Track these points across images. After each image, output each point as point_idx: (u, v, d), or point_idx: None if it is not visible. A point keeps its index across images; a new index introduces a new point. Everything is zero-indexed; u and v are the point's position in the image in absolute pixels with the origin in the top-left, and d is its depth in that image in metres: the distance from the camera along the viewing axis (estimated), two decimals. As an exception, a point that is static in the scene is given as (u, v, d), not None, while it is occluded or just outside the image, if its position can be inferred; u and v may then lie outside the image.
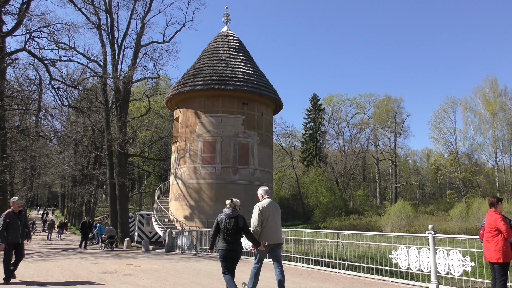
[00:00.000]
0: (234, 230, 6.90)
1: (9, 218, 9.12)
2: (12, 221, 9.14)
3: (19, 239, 9.21)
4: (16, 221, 9.19)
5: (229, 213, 7.02)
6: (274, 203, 7.57)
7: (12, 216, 9.19)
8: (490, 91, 61.04)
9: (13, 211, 9.26)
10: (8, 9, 24.73)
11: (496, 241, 6.49)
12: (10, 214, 9.18)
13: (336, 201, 58.33)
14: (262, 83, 26.22)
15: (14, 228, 9.12)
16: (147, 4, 30.35)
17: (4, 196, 25.19)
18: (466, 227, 44.84)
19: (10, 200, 9.39)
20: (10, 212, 9.20)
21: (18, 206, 9.37)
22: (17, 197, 9.78)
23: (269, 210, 7.30)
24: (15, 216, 9.24)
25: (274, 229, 7.24)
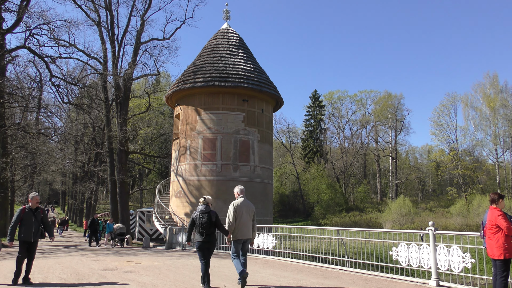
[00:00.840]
0: (208, 224, 7.82)
1: (24, 214, 8.53)
2: (26, 218, 8.54)
3: (31, 237, 8.53)
4: (31, 218, 8.57)
5: (202, 210, 7.98)
6: (247, 202, 8.45)
7: (27, 212, 8.58)
8: (491, 87, 60.95)
9: (29, 207, 8.65)
10: (8, 6, 24.72)
11: (497, 237, 6.50)
12: (26, 210, 8.59)
13: (336, 198, 58.40)
14: (262, 80, 26.19)
15: (27, 226, 8.53)
16: (147, 1, 30.30)
17: (5, 193, 25.23)
18: (467, 224, 44.91)
19: (29, 195, 8.79)
20: (26, 208, 8.62)
21: (36, 202, 8.74)
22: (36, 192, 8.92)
23: (242, 208, 8.22)
24: (31, 212, 8.62)
25: (246, 225, 8.16)
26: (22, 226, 8.46)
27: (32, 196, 8.71)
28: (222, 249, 16.90)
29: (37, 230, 8.64)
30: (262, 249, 14.27)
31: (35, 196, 8.75)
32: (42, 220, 8.77)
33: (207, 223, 7.83)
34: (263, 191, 25.64)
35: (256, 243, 14.50)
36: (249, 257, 14.17)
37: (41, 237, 8.85)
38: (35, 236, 8.61)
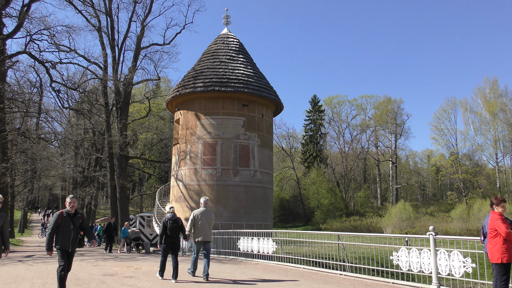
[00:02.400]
0: (176, 229, 9.84)
1: (61, 220, 7.59)
2: (63, 224, 7.59)
3: (69, 246, 7.55)
4: (69, 224, 7.62)
5: (171, 217, 9.96)
6: (207, 211, 10.41)
7: (64, 218, 7.64)
8: (491, 92, 61.02)
9: (67, 212, 7.71)
10: (8, 12, 24.80)
11: (495, 242, 6.49)
12: (63, 215, 7.66)
13: (336, 202, 58.31)
14: (262, 85, 26.22)
15: (65, 233, 7.54)
16: (147, 6, 30.44)
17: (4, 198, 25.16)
18: (467, 228, 44.81)
19: (66, 199, 7.87)
20: (63, 213, 7.70)
21: (73, 205, 7.77)
22: (72, 195, 8.01)
23: (200, 216, 10.16)
24: (69, 218, 7.67)
25: (204, 230, 10.12)
26: (59, 234, 7.51)
27: (69, 200, 7.80)
28: (222, 254, 16.86)
29: (76, 238, 7.69)
30: (262, 254, 14.24)
31: (72, 199, 7.82)
32: (81, 226, 7.89)
33: (176, 228, 9.84)
34: (263, 195, 25.61)
35: (256, 248, 14.50)
36: (249, 262, 14.16)
37: (80, 245, 7.90)
38: (73, 245, 7.66)
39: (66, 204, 7.77)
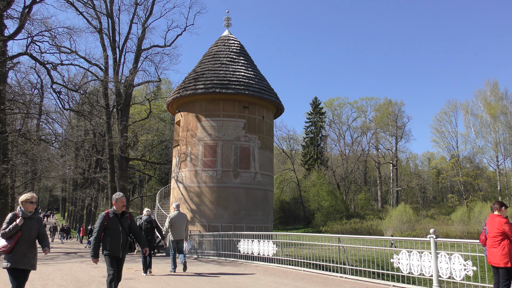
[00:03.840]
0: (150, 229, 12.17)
1: (108, 221, 6.68)
2: (111, 226, 6.66)
3: (119, 251, 6.63)
4: (117, 226, 6.68)
5: (146, 219, 12.35)
6: (180, 213, 12.13)
7: (112, 219, 6.71)
8: (491, 94, 61.03)
9: (114, 212, 6.76)
10: (10, 13, 24.82)
11: (502, 245, 6.44)
12: (109, 215, 6.72)
13: (337, 205, 58.27)
14: (263, 87, 26.23)
15: (114, 236, 6.61)
16: (148, 8, 30.49)
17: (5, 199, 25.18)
18: (468, 231, 44.74)
19: (113, 197, 6.83)
20: (110, 213, 6.74)
21: (122, 205, 6.80)
22: (121, 193, 6.95)
23: (175, 219, 11.88)
24: (116, 219, 6.74)
25: (179, 230, 11.83)
26: (107, 237, 6.58)
27: (116, 198, 6.81)
28: (223, 257, 16.83)
29: (125, 241, 6.77)
30: (262, 257, 14.21)
31: (121, 197, 6.83)
32: (130, 228, 6.93)
33: (150, 228, 12.18)
34: (263, 198, 25.59)
35: (256, 250, 14.50)
36: (250, 264, 14.14)
37: (130, 250, 6.98)
38: (123, 250, 6.72)
39: (114, 203, 6.87)
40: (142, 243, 7.19)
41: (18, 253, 5.90)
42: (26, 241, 5.99)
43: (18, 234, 5.92)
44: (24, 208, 6.13)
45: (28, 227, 6.04)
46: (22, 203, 6.15)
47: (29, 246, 6.03)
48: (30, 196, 6.19)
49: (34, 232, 6.12)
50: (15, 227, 5.89)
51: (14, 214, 6.07)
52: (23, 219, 5.97)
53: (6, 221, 5.99)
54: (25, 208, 6.13)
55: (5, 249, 5.85)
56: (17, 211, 6.09)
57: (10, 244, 5.85)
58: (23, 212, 6.08)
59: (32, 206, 6.16)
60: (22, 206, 6.14)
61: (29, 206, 6.15)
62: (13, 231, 5.88)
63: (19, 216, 6.02)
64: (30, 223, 6.08)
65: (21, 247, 5.93)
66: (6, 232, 5.87)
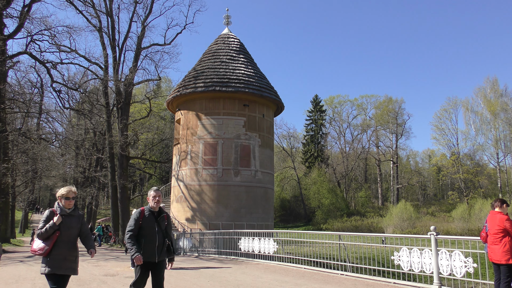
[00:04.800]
0: None
1: (143, 220, 5.67)
2: (146, 226, 5.65)
3: (155, 255, 5.57)
4: (153, 226, 5.67)
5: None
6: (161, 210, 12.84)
7: (147, 218, 5.69)
8: (491, 91, 60.95)
9: (150, 210, 5.77)
10: (9, 12, 24.84)
11: (504, 242, 6.44)
12: (145, 213, 5.72)
13: (337, 202, 58.27)
14: (263, 85, 26.23)
15: (149, 237, 5.61)
16: (148, 7, 30.44)
17: (5, 198, 25.22)
18: (468, 228, 44.75)
19: (149, 192, 5.83)
20: (145, 210, 5.76)
21: (157, 201, 5.75)
22: (156, 187, 6.08)
23: None
24: (152, 218, 5.72)
25: None
26: (140, 238, 5.61)
27: (151, 195, 5.77)
28: (223, 255, 16.85)
29: (162, 244, 5.71)
30: (263, 254, 14.23)
31: (156, 192, 5.80)
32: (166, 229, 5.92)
33: None
34: (264, 196, 25.61)
35: (257, 248, 14.52)
36: (250, 262, 14.17)
37: (168, 254, 5.83)
38: (159, 254, 5.65)
39: (149, 199, 5.81)
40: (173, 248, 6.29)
41: (57, 256, 5.15)
42: (65, 242, 5.23)
43: (56, 234, 5.17)
44: (62, 204, 5.33)
45: (67, 226, 5.28)
46: (59, 199, 5.37)
47: (69, 248, 5.27)
48: (67, 191, 5.37)
49: (74, 232, 5.36)
50: (52, 226, 5.14)
51: (51, 211, 5.31)
52: (61, 217, 5.22)
53: (42, 219, 5.26)
54: (63, 204, 5.33)
55: (42, 252, 5.12)
56: (54, 208, 5.34)
57: (48, 246, 5.12)
58: (61, 208, 5.31)
59: (71, 202, 5.36)
60: (60, 202, 5.36)
61: (67, 202, 5.34)
62: (50, 231, 5.13)
63: (57, 213, 5.26)
64: (69, 221, 5.30)
65: (60, 249, 5.18)
66: (43, 233, 5.13)
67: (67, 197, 5.33)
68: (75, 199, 5.46)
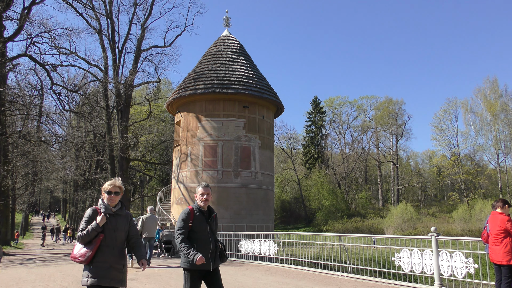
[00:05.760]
0: None
1: (193, 220, 4.85)
2: (198, 227, 4.85)
3: (210, 263, 4.78)
4: (205, 228, 4.88)
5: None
6: (152, 216, 14.58)
7: (197, 218, 4.88)
8: (491, 92, 60.97)
9: (199, 209, 4.95)
10: (9, 15, 24.85)
11: (505, 243, 6.43)
12: (195, 213, 4.90)
13: (338, 203, 58.27)
14: (263, 87, 26.23)
15: (202, 242, 4.81)
16: (148, 9, 30.50)
17: (6, 201, 25.20)
18: (469, 229, 44.73)
19: (197, 188, 5.02)
20: (194, 209, 4.93)
21: (206, 199, 4.94)
22: (205, 183, 5.14)
23: (147, 220, 14.18)
24: (203, 218, 4.92)
25: (149, 229, 14.18)
26: (192, 241, 4.80)
27: (202, 190, 4.98)
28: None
29: (215, 249, 4.94)
30: (263, 256, 14.21)
31: (207, 189, 5.02)
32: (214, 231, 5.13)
33: None
34: (264, 197, 25.60)
35: (257, 250, 14.51)
36: (251, 263, 14.15)
37: (221, 259, 5.06)
38: (214, 261, 4.87)
39: (196, 197, 5.02)
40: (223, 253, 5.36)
41: (101, 264, 4.25)
42: (111, 247, 4.32)
43: (99, 237, 4.27)
44: (106, 201, 4.42)
45: (113, 228, 4.35)
46: (103, 194, 4.47)
47: (115, 254, 4.34)
48: (110, 185, 4.44)
49: (121, 235, 4.42)
50: (96, 228, 4.24)
51: (94, 209, 4.40)
52: (105, 217, 4.31)
53: (84, 219, 4.35)
54: (107, 201, 4.42)
55: (83, 259, 4.22)
56: (98, 206, 4.44)
57: (90, 251, 4.22)
58: (106, 206, 4.38)
59: (114, 198, 4.42)
60: (104, 199, 4.44)
61: (110, 197, 4.40)
62: (93, 233, 4.24)
63: (100, 212, 4.35)
64: (115, 222, 4.38)
65: (104, 255, 4.26)
66: (84, 236, 4.23)
67: (109, 191, 4.41)
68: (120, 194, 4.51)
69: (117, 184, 4.45)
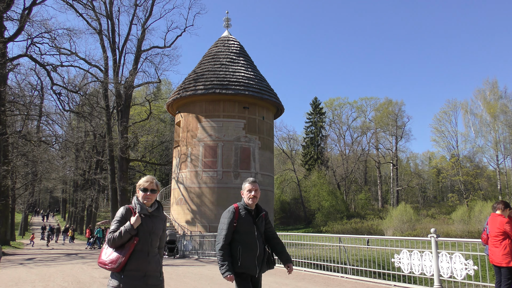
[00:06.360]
0: None
1: (238, 221, 4.26)
2: (243, 228, 4.27)
3: (255, 268, 4.23)
4: (251, 229, 4.30)
5: None
6: None
7: (244, 218, 4.30)
8: (491, 93, 60.99)
9: (245, 207, 4.37)
10: (10, 15, 24.89)
11: (504, 245, 6.44)
12: (240, 213, 4.32)
13: (337, 204, 58.27)
14: (263, 87, 26.25)
15: (247, 244, 4.25)
16: (148, 10, 30.53)
17: (5, 201, 25.20)
18: (468, 230, 44.75)
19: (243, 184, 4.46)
20: (240, 208, 4.36)
21: (254, 196, 4.35)
22: (252, 178, 4.54)
23: None
24: (250, 218, 4.34)
25: None
26: (236, 245, 4.23)
27: (248, 187, 4.41)
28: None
29: (263, 252, 4.36)
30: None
31: (255, 184, 4.44)
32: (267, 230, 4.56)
33: None
34: (264, 198, 25.61)
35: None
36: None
37: (268, 265, 4.43)
38: (261, 267, 4.32)
39: (243, 194, 4.45)
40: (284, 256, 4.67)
41: (135, 273, 3.58)
42: (145, 253, 3.66)
43: (133, 241, 3.61)
44: (141, 199, 3.80)
45: (148, 230, 3.70)
46: (138, 191, 3.88)
47: (150, 261, 3.68)
48: (147, 182, 3.82)
49: (157, 239, 3.79)
50: (130, 230, 3.58)
51: (128, 208, 3.76)
52: (140, 218, 3.66)
53: (115, 219, 3.71)
54: (142, 199, 3.80)
55: (114, 266, 3.54)
56: (132, 205, 3.82)
57: (123, 257, 3.56)
58: (141, 206, 3.75)
59: (151, 197, 3.79)
60: (139, 197, 3.84)
61: (145, 196, 3.79)
62: (126, 236, 3.58)
63: (135, 212, 3.72)
64: (151, 223, 3.74)
65: (138, 262, 3.61)
66: (115, 238, 3.58)
67: (145, 189, 3.80)
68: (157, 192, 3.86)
69: (153, 180, 3.85)
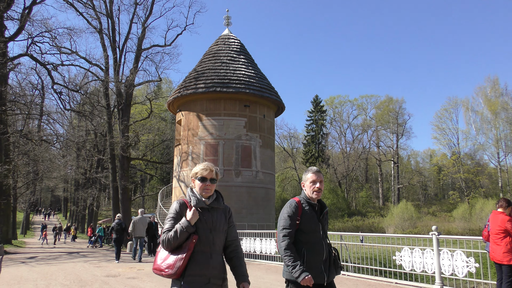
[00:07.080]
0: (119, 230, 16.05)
1: (301, 218, 3.59)
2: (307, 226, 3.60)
3: (324, 274, 3.56)
4: (316, 227, 3.62)
5: (117, 222, 16.16)
6: (143, 217, 16.16)
7: (308, 214, 3.61)
8: (492, 91, 60.94)
9: (308, 201, 3.68)
10: (10, 15, 24.88)
11: (505, 242, 6.44)
12: (303, 207, 3.64)
13: (338, 202, 58.35)
14: (264, 86, 26.23)
15: (313, 245, 3.60)
16: (148, 8, 30.48)
17: (7, 200, 25.25)
18: (470, 228, 44.80)
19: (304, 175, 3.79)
20: (303, 203, 3.67)
21: (318, 189, 3.65)
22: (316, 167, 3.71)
23: (138, 221, 15.77)
24: (313, 214, 3.65)
25: (140, 230, 15.70)
26: (300, 247, 3.58)
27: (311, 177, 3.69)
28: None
29: (329, 255, 3.71)
30: (264, 255, 14.25)
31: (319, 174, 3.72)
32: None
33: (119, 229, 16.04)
34: (265, 196, 25.61)
35: (258, 249, 14.55)
36: (252, 262, 14.17)
37: (337, 271, 3.73)
38: (328, 272, 3.63)
39: (304, 185, 3.75)
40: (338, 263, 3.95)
41: (197, 278, 3.02)
42: (207, 254, 3.10)
43: (192, 240, 3.03)
44: (199, 190, 3.21)
45: (209, 227, 3.15)
46: (193, 181, 3.27)
47: (213, 263, 3.14)
48: (205, 170, 3.23)
49: (220, 236, 3.23)
50: (187, 227, 3.01)
51: (183, 202, 3.18)
52: (196, 211, 3.11)
53: (169, 216, 3.16)
54: (200, 190, 3.20)
55: (172, 272, 2.97)
56: (186, 198, 3.25)
57: (181, 260, 2.97)
58: (197, 198, 3.18)
59: (209, 187, 3.22)
60: (195, 187, 3.24)
61: (208, 187, 3.21)
62: (183, 235, 3.01)
63: (190, 206, 3.15)
64: (211, 218, 3.20)
65: (200, 265, 3.04)
66: (171, 239, 3.01)
67: (203, 178, 3.20)
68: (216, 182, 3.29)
69: (211, 167, 3.26)
